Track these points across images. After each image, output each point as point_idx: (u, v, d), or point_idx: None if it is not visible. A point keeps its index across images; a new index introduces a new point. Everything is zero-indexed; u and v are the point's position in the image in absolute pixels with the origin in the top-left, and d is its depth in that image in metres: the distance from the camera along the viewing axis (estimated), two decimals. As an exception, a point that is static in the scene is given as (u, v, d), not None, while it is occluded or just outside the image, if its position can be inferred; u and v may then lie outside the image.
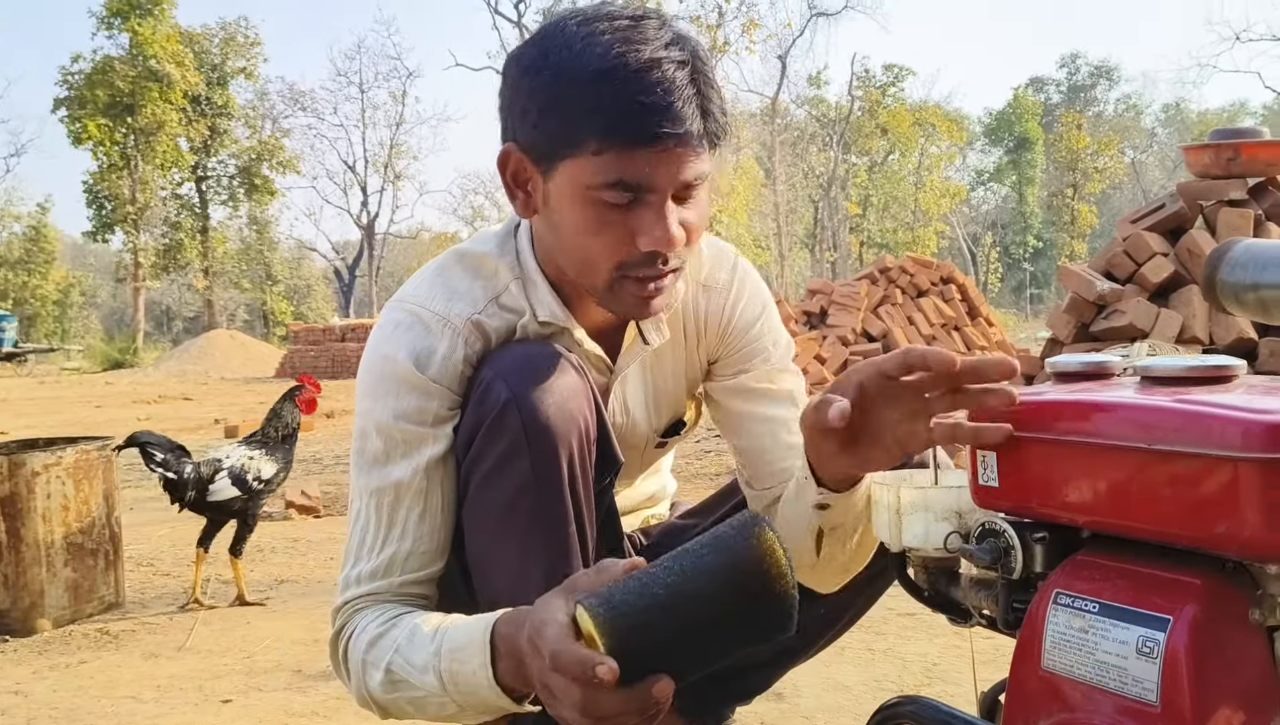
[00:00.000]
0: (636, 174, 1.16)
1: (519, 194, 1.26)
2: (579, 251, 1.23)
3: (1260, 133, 5.73)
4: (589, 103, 1.14)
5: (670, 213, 1.19)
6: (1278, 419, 0.83)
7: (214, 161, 33.93)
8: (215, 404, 12.92)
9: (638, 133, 1.13)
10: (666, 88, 1.13)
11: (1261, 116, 44.63)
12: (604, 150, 1.14)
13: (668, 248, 1.19)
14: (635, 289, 1.24)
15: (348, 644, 1.26)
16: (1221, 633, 0.89)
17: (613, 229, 1.19)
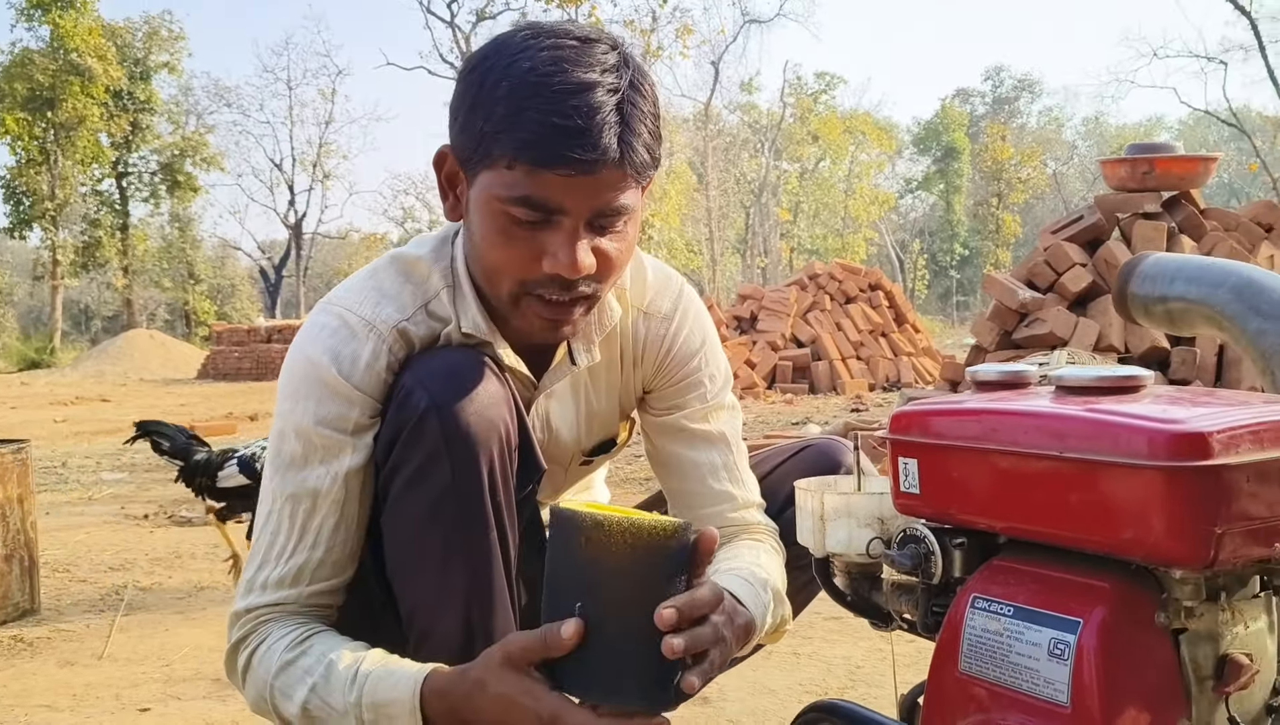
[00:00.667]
0: (545, 195, 1.15)
1: (450, 196, 1.26)
2: (485, 261, 1.24)
3: (1174, 148, 5.92)
4: (507, 116, 1.13)
5: (580, 240, 1.18)
6: (1182, 429, 0.86)
7: (135, 157, 33.08)
8: (134, 406, 12.61)
9: (548, 154, 1.13)
10: (587, 113, 1.12)
11: (1177, 132, 46.00)
12: (515, 165, 1.14)
13: (570, 274, 1.18)
14: (539, 309, 1.23)
15: (250, 658, 1.24)
16: (1129, 635, 0.92)
17: (519, 245, 1.19)
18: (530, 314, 1.24)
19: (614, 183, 1.17)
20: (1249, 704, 0.97)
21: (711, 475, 1.44)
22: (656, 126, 1.21)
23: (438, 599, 1.24)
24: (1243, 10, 23.16)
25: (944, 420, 1.04)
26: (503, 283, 1.23)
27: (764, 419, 8.53)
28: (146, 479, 6.11)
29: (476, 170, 1.19)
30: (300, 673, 1.21)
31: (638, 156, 1.17)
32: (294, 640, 1.23)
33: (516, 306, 1.24)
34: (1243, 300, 1.24)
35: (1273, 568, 0.94)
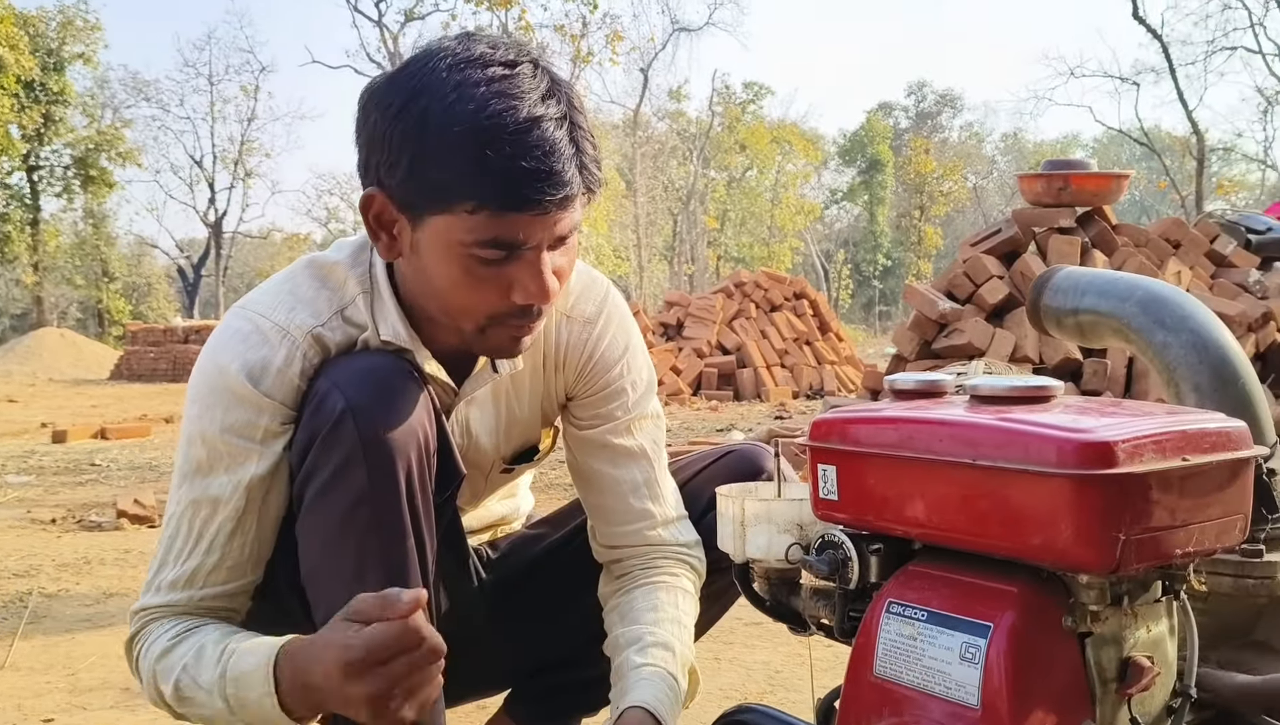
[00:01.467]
0: (513, 234, 1.15)
1: (382, 236, 1.23)
2: (449, 301, 1.23)
3: (1088, 165, 6.09)
4: (467, 165, 1.11)
5: (545, 266, 1.19)
6: (1089, 438, 0.89)
7: (48, 151, 32.07)
8: (42, 407, 12.22)
9: (519, 199, 1.13)
10: (547, 150, 1.12)
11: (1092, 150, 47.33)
12: (480, 211, 1.13)
13: (543, 301, 1.20)
14: (505, 333, 1.24)
15: (140, 652, 1.27)
16: (1037, 639, 0.94)
17: (486, 284, 1.19)
18: (495, 339, 1.26)
19: (573, 207, 1.18)
20: (1150, 705, 1.00)
21: (632, 493, 1.44)
22: (594, 137, 1.22)
23: (353, 606, 1.23)
24: (1155, 34, 23.94)
25: (861, 428, 1.06)
26: (469, 319, 1.23)
27: (689, 425, 8.57)
28: (54, 482, 5.93)
29: (425, 215, 1.17)
30: (177, 656, 1.22)
31: (594, 177, 1.18)
32: (176, 632, 1.25)
33: (482, 335, 1.25)
34: (1148, 314, 1.28)
35: (1173, 573, 0.98)
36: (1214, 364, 1.23)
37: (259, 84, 38.61)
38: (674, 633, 1.37)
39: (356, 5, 30.35)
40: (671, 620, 1.38)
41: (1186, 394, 1.24)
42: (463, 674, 1.50)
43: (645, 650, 1.34)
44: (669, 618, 1.38)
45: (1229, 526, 0.97)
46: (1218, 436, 0.96)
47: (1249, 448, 0.98)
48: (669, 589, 1.42)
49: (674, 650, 1.35)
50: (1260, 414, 1.22)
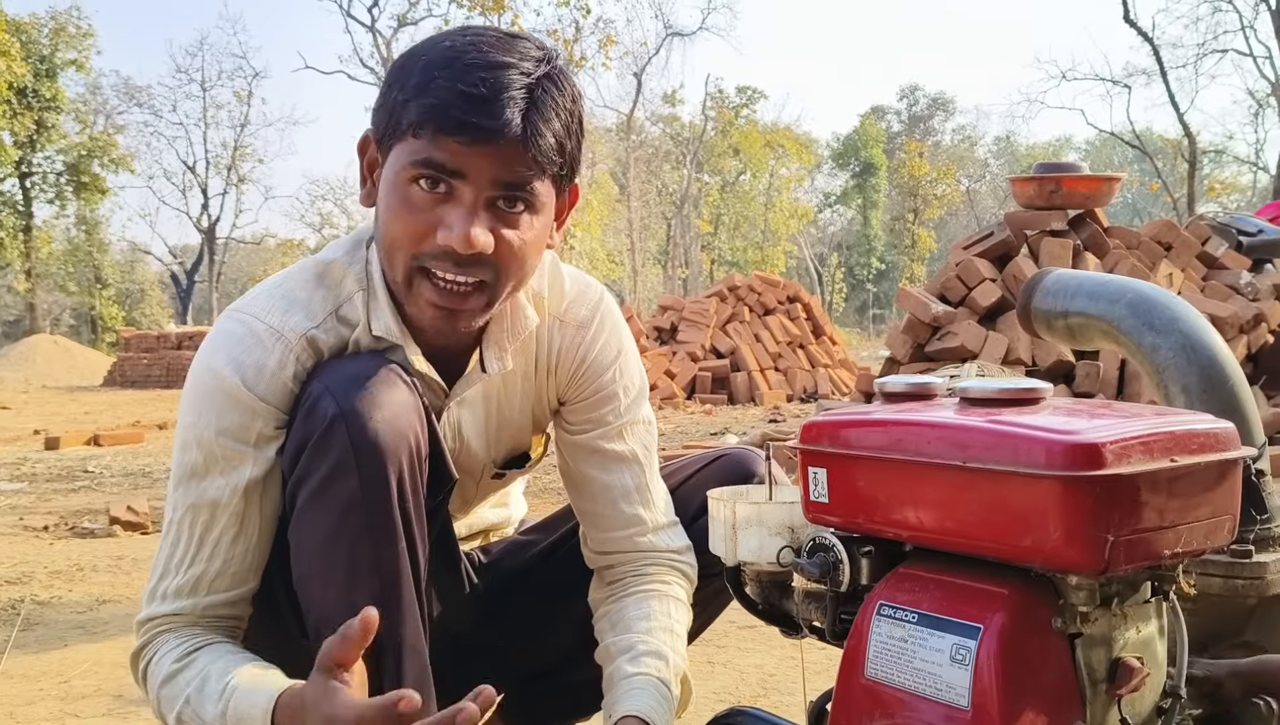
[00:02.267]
0: (445, 159, 1.17)
1: (367, 181, 1.28)
2: (385, 237, 1.25)
3: (1080, 168, 6.11)
4: (418, 85, 1.17)
5: (476, 215, 1.19)
6: (1077, 440, 0.89)
7: (40, 157, 32.01)
8: (36, 414, 12.19)
9: (449, 120, 1.15)
10: (494, 86, 1.15)
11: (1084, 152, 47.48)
12: (420, 131, 1.17)
13: (463, 247, 1.19)
14: (430, 293, 1.23)
15: (147, 668, 1.26)
16: (1027, 640, 0.94)
17: (417, 215, 1.20)
18: (422, 299, 1.24)
19: (516, 159, 1.18)
20: (1140, 706, 1.00)
21: (623, 498, 1.44)
22: (575, 125, 1.23)
23: (345, 611, 1.22)
24: (1145, 36, 24.01)
25: (852, 431, 1.06)
26: (398, 258, 1.23)
27: (683, 429, 8.57)
28: (47, 489, 5.91)
29: (390, 145, 1.21)
30: (181, 684, 1.21)
31: (543, 141, 1.18)
32: (182, 653, 1.24)
33: (410, 288, 1.24)
34: (1137, 316, 1.29)
35: (1162, 574, 0.98)
36: (1203, 366, 1.24)
37: (252, 89, 38.56)
38: (666, 641, 1.37)
39: (349, 10, 30.37)
40: (664, 629, 1.38)
41: (1175, 396, 1.25)
42: (453, 678, 1.50)
43: (638, 659, 1.34)
44: (661, 626, 1.38)
45: (1217, 527, 0.97)
46: (1206, 438, 0.96)
47: (1237, 449, 0.98)
48: (661, 597, 1.42)
49: (667, 659, 1.35)
50: (1248, 415, 1.23)
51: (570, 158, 1.24)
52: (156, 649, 1.25)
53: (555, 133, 1.19)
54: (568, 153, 1.23)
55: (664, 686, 1.32)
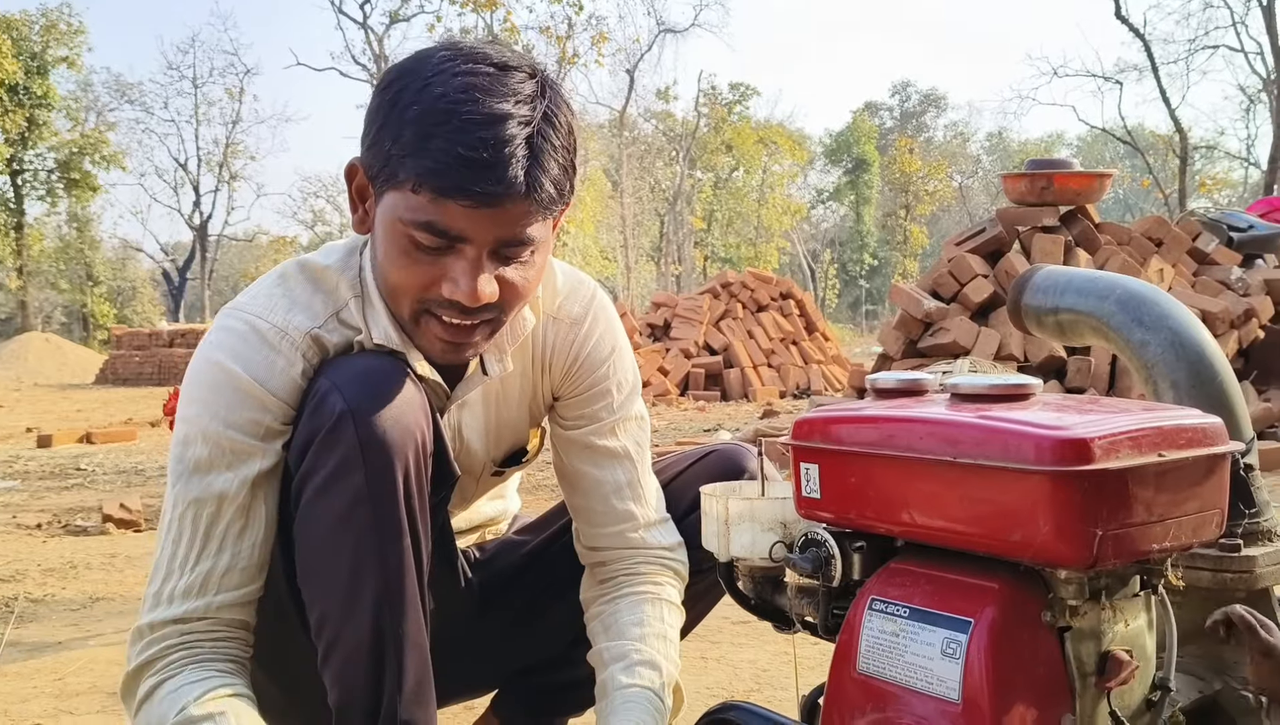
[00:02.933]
0: (447, 223, 1.15)
1: (359, 208, 1.25)
2: (388, 280, 1.24)
3: (1071, 164, 6.13)
4: (414, 141, 1.13)
5: (481, 268, 1.18)
6: (1066, 435, 0.90)
7: (31, 154, 31.91)
8: (28, 412, 12.15)
9: (450, 185, 1.13)
10: (496, 146, 1.12)
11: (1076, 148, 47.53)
12: (420, 191, 1.14)
13: (471, 301, 1.19)
14: (439, 331, 1.24)
15: (154, 692, 1.20)
16: (1017, 634, 0.95)
17: (421, 267, 1.19)
18: (430, 334, 1.25)
19: (519, 216, 1.17)
20: (1130, 699, 1.01)
21: (615, 494, 1.45)
22: (569, 158, 1.21)
23: (348, 606, 1.23)
24: (1137, 32, 24.05)
25: (843, 427, 1.07)
26: (404, 301, 1.23)
27: (676, 426, 8.58)
28: (40, 487, 5.90)
29: (384, 189, 1.18)
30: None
31: (544, 192, 1.16)
32: (205, 695, 1.18)
33: (417, 325, 1.25)
34: (1127, 312, 1.29)
35: (1151, 568, 0.99)
36: (1191, 361, 1.25)
37: (243, 86, 38.50)
38: (660, 649, 1.38)
39: (341, 7, 30.32)
40: (657, 635, 1.39)
41: (1164, 391, 1.26)
42: (450, 674, 1.50)
43: (632, 669, 1.35)
44: (655, 633, 1.39)
45: (1206, 521, 0.98)
46: (1194, 432, 0.97)
47: (1225, 443, 0.99)
48: (655, 601, 1.42)
49: (660, 669, 1.36)
50: (1237, 410, 1.24)
51: (568, 192, 1.23)
52: (171, 674, 1.20)
53: (555, 178, 1.18)
54: (566, 191, 1.22)
55: (656, 699, 1.33)
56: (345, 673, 1.24)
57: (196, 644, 1.22)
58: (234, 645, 1.25)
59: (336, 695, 1.25)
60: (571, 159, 1.21)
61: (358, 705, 1.24)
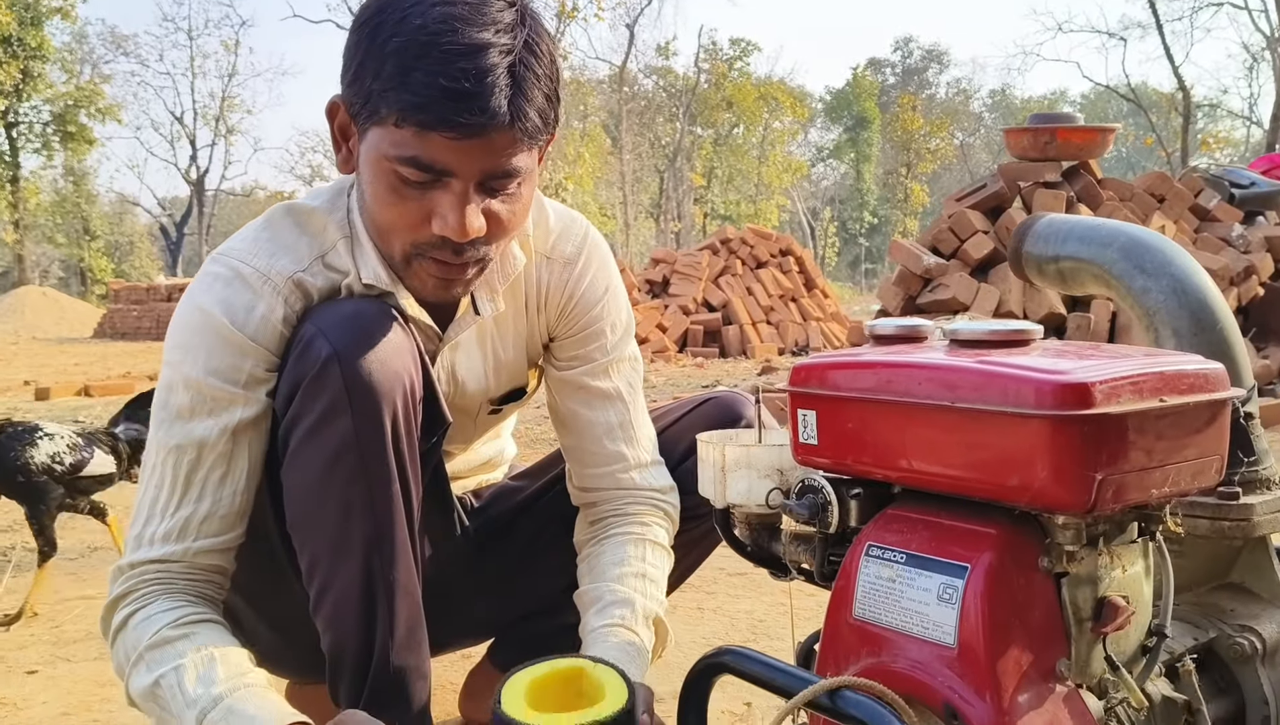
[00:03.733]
0: (434, 157, 1.13)
1: (342, 148, 1.23)
2: (377, 219, 1.22)
3: (1074, 118, 6.09)
4: (396, 75, 1.11)
5: (469, 202, 1.16)
6: (1067, 379, 0.89)
7: (26, 107, 31.66)
8: (25, 365, 12.15)
9: (433, 117, 1.11)
10: (478, 76, 1.10)
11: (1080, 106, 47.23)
12: (403, 125, 1.12)
13: (460, 237, 1.17)
14: (431, 269, 1.22)
15: (129, 619, 1.21)
16: (1014, 579, 0.95)
17: (409, 205, 1.17)
18: (423, 274, 1.23)
19: (504, 146, 1.15)
20: (1125, 644, 1.01)
21: (606, 435, 1.44)
22: (553, 87, 1.19)
23: (338, 551, 1.23)
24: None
25: (841, 372, 1.05)
26: (394, 242, 1.22)
27: (674, 382, 8.58)
28: (38, 439, 5.90)
29: (367, 125, 1.16)
30: (175, 653, 1.16)
31: (529, 121, 1.14)
32: (182, 618, 1.19)
33: (409, 266, 1.23)
34: (1129, 259, 1.28)
35: (1150, 514, 0.98)
36: (1193, 309, 1.23)
37: (239, 39, 38.22)
38: (636, 587, 1.37)
39: (337, -43, 29.87)
40: (636, 574, 1.38)
41: (1166, 339, 1.24)
42: (446, 622, 1.51)
43: (604, 610, 1.34)
44: (634, 572, 1.38)
45: (1205, 468, 0.97)
46: (1195, 378, 0.96)
47: (1226, 389, 0.98)
48: (638, 542, 1.42)
49: (634, 605, 1.35)
50: (1238, 357, 1.23)
51: (553, 122, 1.21)
52: (146, 602, 1.21)
53: (539, 108, 1.16)
54: (550, 120, 1.20)
55: (630, 633, 1.32)
56: (336, 618, 1.24)
57: (172, 580, 1.23)
58: (209, 587, 1.26)
59: (329, 641, 1.25)
60: (554, 87, 1.19)
61: (349, 650, 1.24)
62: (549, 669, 1.12)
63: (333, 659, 1.26)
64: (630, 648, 1.30)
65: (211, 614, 1.23)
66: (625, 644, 1.31)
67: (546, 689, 1.10)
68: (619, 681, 1.10)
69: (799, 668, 1.21)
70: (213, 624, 1.21)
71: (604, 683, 1.11)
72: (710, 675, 1.12)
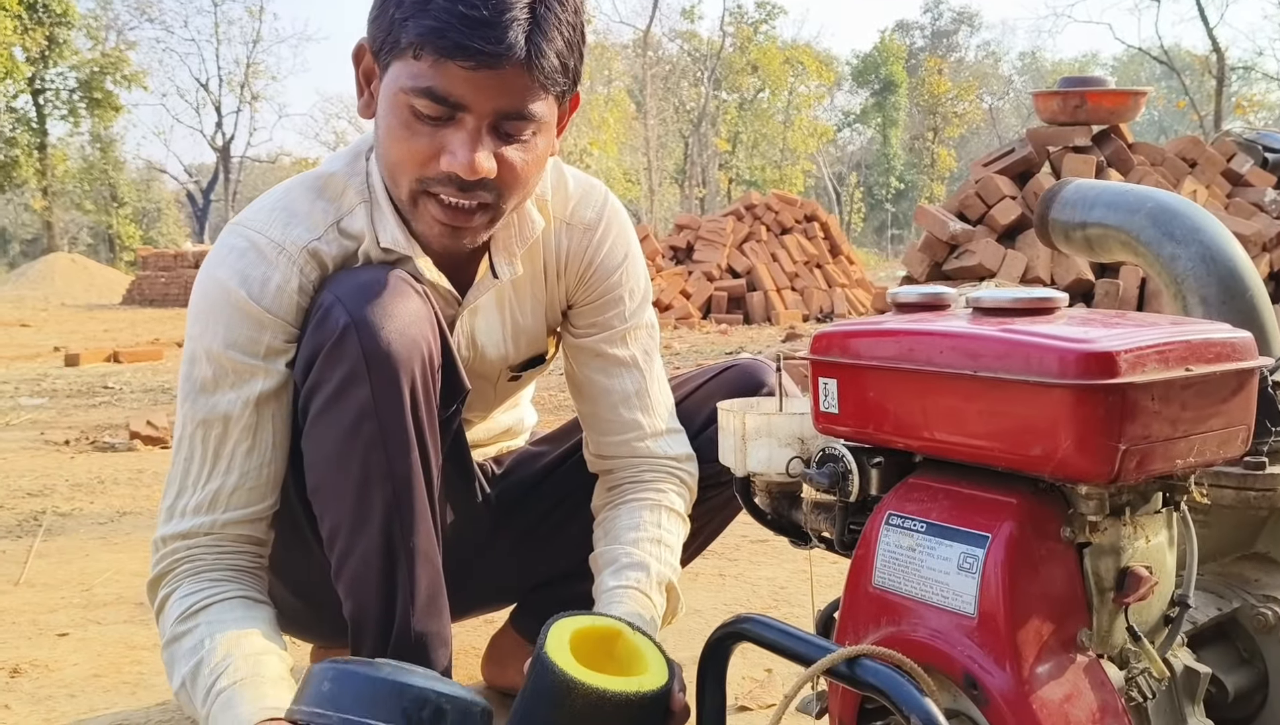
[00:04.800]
0: (447, 87, 1.14)
1: (364, 91, 1.25)
2: (388, 156, 1.22)
3: (1105, 82, 5.99)
4: (416, 4, 1.12)
5: (480, 141, 1.17)
6: (1091, 348, 0.88)
7: (53, 73, 31.78)
8: (55, 331, 12.28)
9: (449, 44, 1.12)
10: (496, 7, 1.11)
11: (1111, 69, 46.48)
12: (421, 55, 1.13)
13: (467, 174, 1.17)
14: (435, 211, 1.22)
15: (164, 604, 1.25)
16: (1035, 549, 0.94)
17: (419, 140, 1.18)
18: (428, 217, 1.23)
19: (520, 85, 1.15)
20: (1147, 615, 1.00)
21: (623, 403, 1.45)
22: (576, 38, 1.19)
23: (358, 519, 1.24)
24: (1177, -53, 23.33)
25: (862, 340, 1.05)
26: (402, 179, 1.22)
27: (698, 348, 8.57)
28: (68, 405, 5.97)
29: (388, 60, 1.18)
30: (184, 649, 1.20)
31: (546, 61, 1.15)
32: (190, 608, 1.22)
33: (415, 207, 1.23)
34: (1157, 226, 1.26)
35: (1174, 484, 0.97)
36: (1222, 276, 1.21)
37: (263, 5, 38.06)
38: (651, 552, 1.38)
39: (361, -78, 29.71)
40: (651, 539, 1.39)
41: (1194, 306, 1.23)
42: (468, 588, 1.52)
43: (620, 572, 1.35)
44: (649, 537, 1.39)
45: (1231, 438, 0.96)
46: (1222, 347, 0.95)
47: (1255, 358, 0.97)
48: (654, 507, 1.42)
49: (649, 569, 1.35)
50: (1267, 326, 1.21)
51: (573, 73, 1.21)
52: (175, 585, 1.24)
53: (559, 51, 1.16)
54: (570, 69, 1.20)
55: (644, 598, 1.33)
56: (357, 585, 1.25)
57: (199, 557, 1.25)
58: (240, 557, 1.28)
59: (350, 607, 1.26)
60: (576, 37, 1.20)
61: (370, 617, 1.25)
62: (590, 624, 1.13)
63: (354, 625, 1.27)
64: (643, 610, 1.32)
65: (226, 592, 1.24)
66: (639, 607, 1.32)
67: (584, 643, 1.11)
68: (657, 655, 1.11)
69: (818, 636, 1.21)
70: (222, 603, 1.23)
71: (642, 652, 1.11)
72: (729, 643, 1.13)
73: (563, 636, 1.09)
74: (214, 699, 1.14)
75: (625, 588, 1.33)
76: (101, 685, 1.87)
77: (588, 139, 28.55)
